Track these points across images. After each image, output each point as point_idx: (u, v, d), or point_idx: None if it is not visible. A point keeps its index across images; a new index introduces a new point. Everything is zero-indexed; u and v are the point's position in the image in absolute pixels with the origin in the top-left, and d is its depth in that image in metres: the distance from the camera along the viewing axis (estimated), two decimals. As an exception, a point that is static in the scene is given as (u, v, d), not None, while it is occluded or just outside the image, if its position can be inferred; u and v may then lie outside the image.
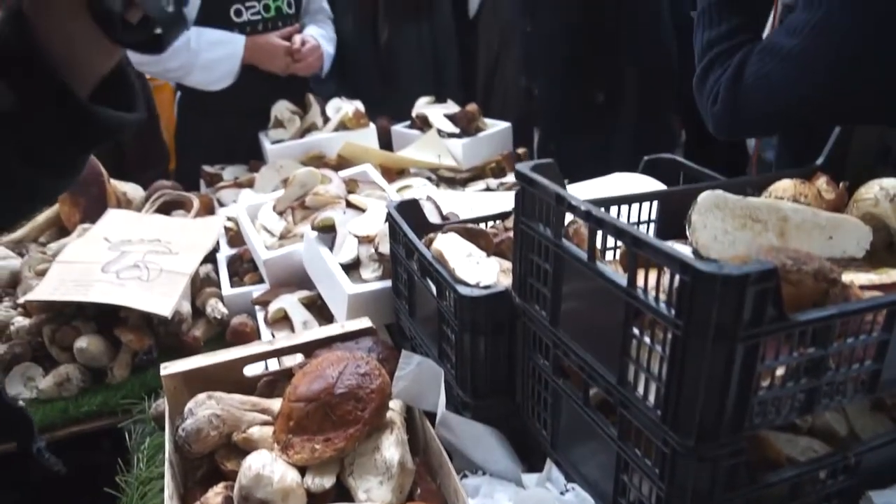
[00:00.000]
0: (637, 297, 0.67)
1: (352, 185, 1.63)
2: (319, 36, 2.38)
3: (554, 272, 0.82)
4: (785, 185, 1.00)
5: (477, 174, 2.14)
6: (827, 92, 1.20)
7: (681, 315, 0.62)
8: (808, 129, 1.36)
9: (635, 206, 1.00)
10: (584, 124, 2.28)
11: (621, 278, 0.70)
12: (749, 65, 1.28)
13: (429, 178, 2.07)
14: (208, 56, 2.16)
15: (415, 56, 2.65)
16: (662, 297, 0.66)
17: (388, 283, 1.30)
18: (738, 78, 1.29)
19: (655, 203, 1.00)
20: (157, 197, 1.82)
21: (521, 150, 2.21)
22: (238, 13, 2.22)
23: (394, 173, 2.09)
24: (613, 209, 0.98)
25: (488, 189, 2.03)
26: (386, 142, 2.30)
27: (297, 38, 2.26)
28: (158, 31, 0.70)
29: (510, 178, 2.09)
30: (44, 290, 1.41)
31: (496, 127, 2.26)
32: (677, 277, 0.62)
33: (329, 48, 2.43)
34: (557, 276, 0.82)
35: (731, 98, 1.30)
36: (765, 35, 1.56)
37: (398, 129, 2.34)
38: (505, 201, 1.64)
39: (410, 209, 1.23)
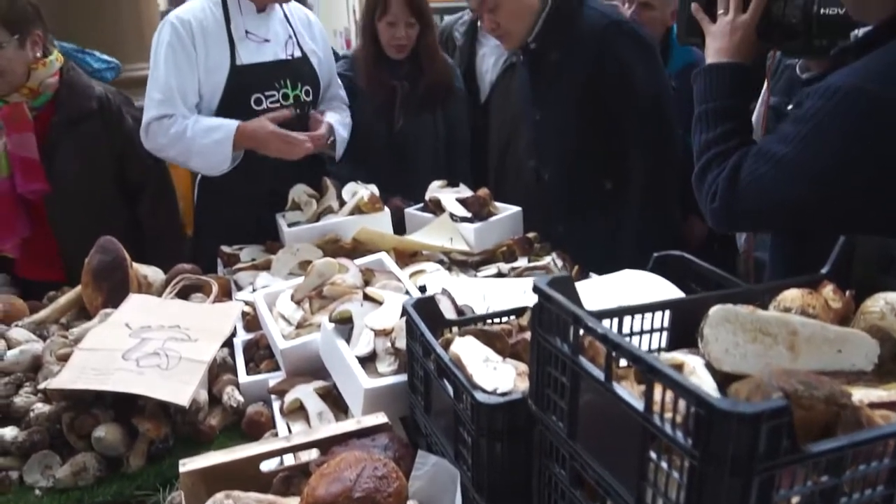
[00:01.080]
0: (654, 423, 0.70)
1: (368, 275, 1.67)
2: (336, 122, 2.47)
3: (571, 386, 0.84)
4: (793, 296, 1.03)
5: (488, 258, 2.18)
6: (815, 198, 1.31)
7: (697, 446, 0.64)
8: (799, 234, 1.44)
9: (648, 314, 1.03)
10: (591, 209, 2.35)
11: (638, 402, 0.72)
12: (744, 167, 1.39)
13: (441, 262, 2.11)
14: (202, 142, 2.21)
15: (428, 140, 2.73)
16: (679, 418, 0.68)
17: (403, 378, 1.32)
18: (735, 178, 1.40)
19: (668, 312, 1.04)
20: (178, 281, 1.86)
21: (531, 235, 2.26)
22: (258, 102, 2.31)
23: (407, 256, 2.14)
24: (626, 318, 1.01)
25: (500, 273, 2.07)
26: (397, 220, 2.35)
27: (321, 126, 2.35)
28: None
29: (521, 262, 2.13)
30: (65, 379, 1.44)
31: (507, 211, 2.31)
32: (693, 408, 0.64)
33: (344, 133, 2.52)
34: (574, 390, 0.84)
35: (729, 196, 1.40)
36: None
37: (411, 211, 2.40)
38: (517, 289, 1.68)
39: (427, 306, 1.26)
